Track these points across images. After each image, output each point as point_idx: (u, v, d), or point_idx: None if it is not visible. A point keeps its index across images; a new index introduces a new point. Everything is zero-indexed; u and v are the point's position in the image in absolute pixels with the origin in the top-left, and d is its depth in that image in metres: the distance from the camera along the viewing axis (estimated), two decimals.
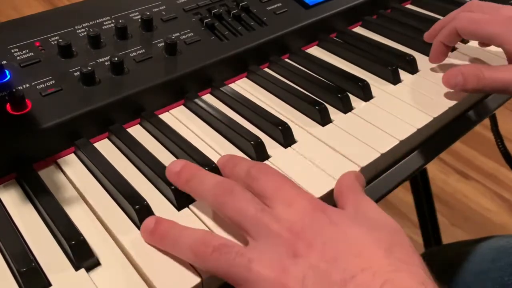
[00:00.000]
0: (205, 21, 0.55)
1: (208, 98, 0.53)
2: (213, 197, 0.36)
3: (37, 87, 0.45)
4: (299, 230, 0.33)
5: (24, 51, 0.48)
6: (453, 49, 0.61)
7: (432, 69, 0.58)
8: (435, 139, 0.52)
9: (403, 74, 0.57)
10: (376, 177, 0.47)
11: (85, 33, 0.51)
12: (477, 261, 0.57)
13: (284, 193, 0.35)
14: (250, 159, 0.42)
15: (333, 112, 0.51)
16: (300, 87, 0.55)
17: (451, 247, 0.67)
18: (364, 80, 0.54)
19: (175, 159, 0.45)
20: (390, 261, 0.30)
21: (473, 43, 0.62)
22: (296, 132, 0.48)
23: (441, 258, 0.64)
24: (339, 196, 0.39)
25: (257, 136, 0.46)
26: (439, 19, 0.68)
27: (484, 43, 0.60)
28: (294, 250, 0.32)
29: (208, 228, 0.38)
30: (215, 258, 0.33)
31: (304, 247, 0.32)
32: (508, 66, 0.50)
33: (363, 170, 0.44)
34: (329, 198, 0.43)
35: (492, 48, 0.60)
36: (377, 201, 0.45)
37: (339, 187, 0.40)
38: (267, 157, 0.45)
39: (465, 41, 0.63)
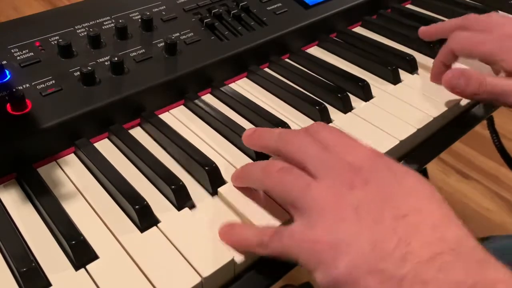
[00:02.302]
0: (205, 21, 0.55)
1: (208, 98, 0.53)
2: (278, 138, 0.39)
3: (37, 87, 0.45)
4: (357, 167, 0.34)
5: (24, 51, 0.48)
6: None
7: None
8: (435, 139, 0.52)
9: (403, 74, 0.57)
10: None
11: (85, 33, 0.51)
12: None
13: (346, 141, 0.37)
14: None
15: (333, 112, 0.51)
16: (300, 87, 0.55)
17: None
18: (364, 80, 0.54)
19: (175, 159, 0.45)
20: (441, 211, 0.32)
21: None
22: None
23: None
24: None
25: None
26: (439, 19, 0.68)
27: None
28: (351, 182, 0.33)
29: (207, 226, 0.38)
30: (279, 176, 0.36)
31: (361, 182, 0.33)
32: (509, 78, 0.50)
33: None
34: None
35: None
36: None
37: None
38: (267, 157, 0.45)
39: None
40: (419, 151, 0.50)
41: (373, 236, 0.31)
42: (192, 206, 0.40)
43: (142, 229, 0.38)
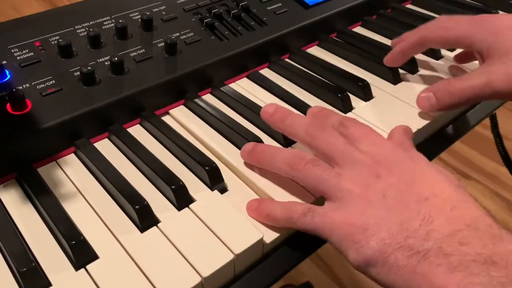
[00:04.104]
0: (205, 21, 0.55)
1: (208, 98, 0.53)
2: (305, 132, 0.41)
3: (37, 87, 0.45)
4: (381, 159, 0.38)
5: (24, 51, 0.48)
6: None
7: (432, 69, 0.58)
8: (435, 139, 0.52)
9: (403, 74, 0.57)
10: None
11: (85, 33, 0.51)
12: None
13: (371, 137, 0.40)
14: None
15: None
16: (300, 87, 0.55)
17: None
18: (364, 80, 0.54)
19: (175, 159, 0.45)
20: (458, 194, 0.35)
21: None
22: None
23: None
24: None
25: (257, 136, 0.46)
26: None
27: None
28: (376, 172, 0.37)
29: (207, 226, 0.38)
30: (308, 168, 0.38)
31: (385, 171, 0.37)
32: (476, 70, 0.48)
33: None
34: None
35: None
36: None
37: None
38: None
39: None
40: (418, 151, 0.50)
41: (400, 218, 0.34)
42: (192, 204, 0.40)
43: (142, 229, 0.38)
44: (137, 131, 0.48)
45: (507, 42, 0.47)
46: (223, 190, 0.42)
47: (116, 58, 0.47)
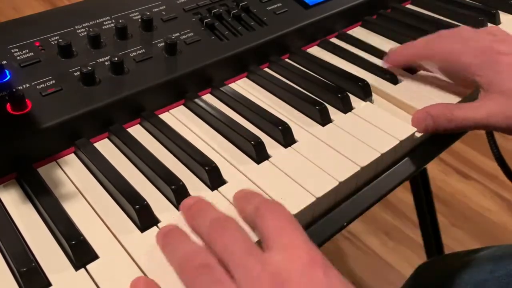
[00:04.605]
0: (205, 21, 0.55)
1: (208, 98, 0.53)
2: (207, 232, 0.35)
3: (37, 87, 0.45)
4: (283, 280, 0.30)
5: (24, 51, 0.48)
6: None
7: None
8: (435, 139, 0.52)
9: (403, 74, 0.57)
10: (376, 177, 0.47)
11: (85, 33, 0.51)
12: (476, 272, 0.57)
13: (285, 236, 0.32)
14: (265, 197, 0.38)
15: (333, 112, 0.51)
16: (300, 87, 0.55)
17: (450, 258, 0.67)
18: (364, 80, 0.54)
19: (175, 159, 0.45)
20: None
21: None
22: (296, 132, 0.47)
23: (440, 269, 0.64)
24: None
25: (257, 136, 0.46)
26: (439, 19, 0.68)
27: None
28: None
29: None
30: (195, 275, 0.32)
31: None
32: (476, 103, 0.49)
33: (363, 170, 0.44)
34: (330, 197, 0.43)
35: None
36: (377, 201, 0.46)
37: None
38: (267, 157, 0.45)
39: None
40: (419, 151, 0.50)
41: None
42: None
43: (142, 229, 0.38)
44: (137, 131, 0.48)
45: (507, 81, 0.47)
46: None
47: (116, 58, 0.47)
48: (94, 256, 0.36)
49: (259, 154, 0.45)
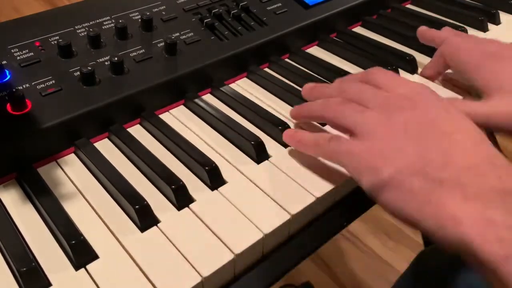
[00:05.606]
0: (205, 21, 0.55)
1: (208, 98, 0.53)
2: (336, 90, 0.44)
3: (37, 87, 0.45)
4: (407, 95, 0.39)
5: (24, 51, 0.48)
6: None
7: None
8: None
9: (403, 74, 0.57)
10: None
11: (85, 33, 0.51)
12: None
13: (397, 80, 0.42)
14: None
15: None
16: (300, 87, 0.55)
17: None
18: None
19: (175, 159, 0.45)
20: (481, 135, 0.36)
21: None
22: None
23: (442, 254, 0.64)
24: None
25: (257, 136, 0.46)
26: (439, 19, 0.68)
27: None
28: (401, 106, 0.38)
29: (207, 226, 0.38)
30: (337, 107, 0.41)
31: (410, 106, 0.38)
32: (477, 101, 0.48)
33: None
34: (331, 197, 0.43)
35: None
36: None
37: None
38: (267, 157, 0.45)
39: None
40: None
41: (419, 148, 0.35)
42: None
43: (142, 229, 0.38)
44: (137, 131, 0.48)
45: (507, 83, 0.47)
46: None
47: (116, 58, 0.47)
48: (94, 256, 0.36)
49: (259, 154, 0.45)
